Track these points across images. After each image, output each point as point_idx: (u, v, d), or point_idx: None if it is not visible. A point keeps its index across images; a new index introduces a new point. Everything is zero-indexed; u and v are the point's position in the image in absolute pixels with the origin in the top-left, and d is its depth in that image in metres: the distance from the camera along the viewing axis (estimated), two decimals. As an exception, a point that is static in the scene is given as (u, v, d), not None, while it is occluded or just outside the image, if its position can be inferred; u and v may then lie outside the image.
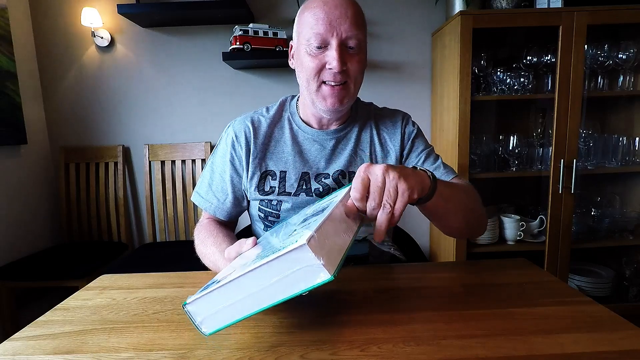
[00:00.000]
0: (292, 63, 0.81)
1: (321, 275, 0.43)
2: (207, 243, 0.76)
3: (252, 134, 0.81)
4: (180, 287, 0.70)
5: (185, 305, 0.49)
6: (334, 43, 0.69)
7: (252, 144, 0.81)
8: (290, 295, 0.45)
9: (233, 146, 0.82)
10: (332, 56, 0.69)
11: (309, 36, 0.70)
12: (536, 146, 1.75)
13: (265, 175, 0.81)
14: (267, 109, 0.86)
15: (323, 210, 0.55)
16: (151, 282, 0.73)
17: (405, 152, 0.84)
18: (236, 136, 0.82)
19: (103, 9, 1.86)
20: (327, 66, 0.70)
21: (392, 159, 0.84)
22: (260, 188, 0.81)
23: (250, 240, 0.59)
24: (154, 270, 0.79)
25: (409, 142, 0.84)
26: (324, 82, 0.72)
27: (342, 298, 0.63)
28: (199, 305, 0.49)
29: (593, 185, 1.85)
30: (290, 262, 0.43)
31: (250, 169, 0.81)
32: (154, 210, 1.94)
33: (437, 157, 0.85)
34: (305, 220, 0.57)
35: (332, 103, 0.73)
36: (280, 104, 0.87)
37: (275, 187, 0.80)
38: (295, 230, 0.53)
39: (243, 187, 0.83)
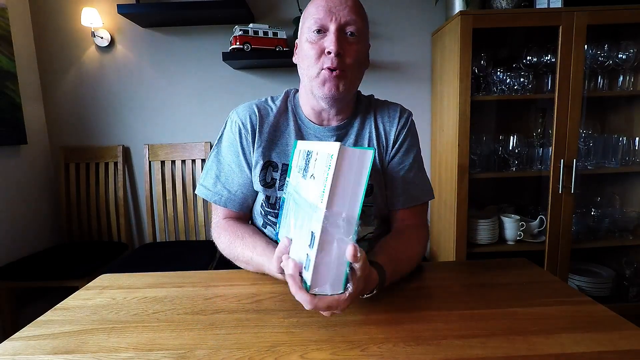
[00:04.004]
0: (295, 58, 0.81)
1: None
2: (235, 245, 0.77)
3: (258, 120, 0.81)
4: (180, 287, 0.70)
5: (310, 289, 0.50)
6: (332, 28, 0.71)
7: (257, 131, 0.80)
8: None
9: (240, 133, 0.81)
10: (330, 40, 0.71)
11: (310, 23, 0.73)
12: (536, 146, 1.75)
13: (267, 165, 0.81)
14: (273, 99, 0.86)
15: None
16: (151, 281, 0.73)
17: (391, 154, 0.83)
18: (242, 123, 0.81)
19: (103, 9, 1.86)
20: (326, 50, 0.71)
21: (386, 154, 0.84)
22: (262, 178, 0.80)
23: (285, 243, 0.58)
24: (154, 270, 0.79)
25: (399, 143, 0.83)
26: (323, 69, 0.73)
27: (342, 298, 0.63)
28: (319, 279, 0.49)
29: (593, 185, 1.85)
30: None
31: (254, 156, 0.81)
32: (154, 210, 1.94)
33: (416, 175, 0.84)
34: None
35: (330, 88, 0.73)
36: (285, 95, 0.86)
37: (276, 179, 0.80)
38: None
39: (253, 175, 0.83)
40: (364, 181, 0.49)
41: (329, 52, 0.71)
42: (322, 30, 0.72)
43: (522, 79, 1.63)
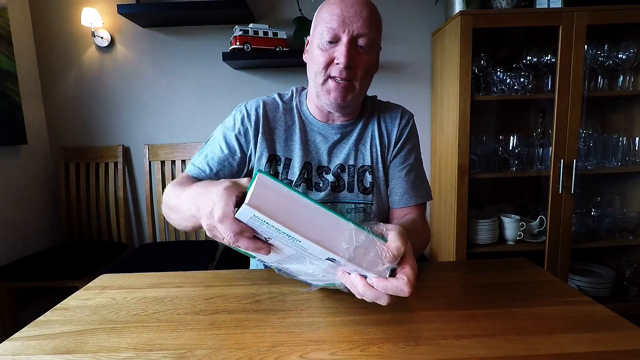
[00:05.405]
0: (305, 57, 0.82)
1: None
2: (178, 185, 0.70)
3: (264, 113, 0.82)
4: (180, 287, 0.70)
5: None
6: (344, 39, 0.71)
7: (262, 124, 0.81)
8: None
9: (242, 122, 0.81)
10: (340, 51, 0.71)
11: (322, 30, 0.72)
12: (536, 146, 1.74)
13: (272, 158, 0.82)
14: (280, 96, 0.87)
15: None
16: (151, 281, 0.73)
17: (394, 153, 0.84)
18: (248, 113, 0.82)
19: (103, 9, 1.86)
20: (335, 61, 0.72)
21: (388, 153, 0.84)
22: (266, 170, 0.81)
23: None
24: (154, 270, 0.79)
25: (400, 143, 0.84)
26: (331, 77, 0.74)
27: (341, 298, 0.63)
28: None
29: (593, 185, 1.85)
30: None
31: (258, 149, 0.81)
32: (154, 210, 1.94)
33: (417, 175, 0.85)
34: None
35: (335, 97, 0.74)
36: (291, 92, 0.88)
37: (279, 173, 0.81)
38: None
39: (251, 166, 0.82)
40: (291, 191, 0.45)
41: (338, 63, 0.71)
42: (333, 40, 0.72)
43: (522, 79, 1.63)
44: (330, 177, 0.81)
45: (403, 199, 0.83)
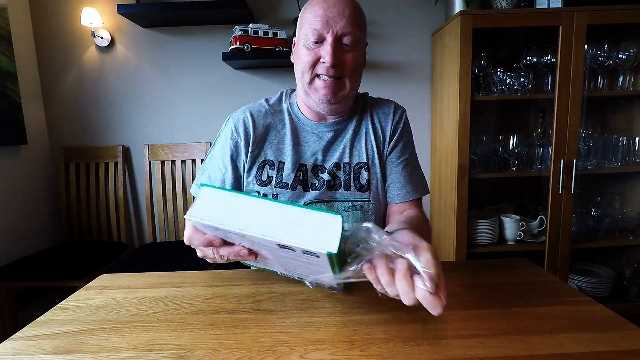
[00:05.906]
0: (292, 57, 0.83)
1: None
2: None
3: (251, 123, 0.82)
4: (180, 287, 0.70)
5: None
6: (329, 39, 0.72)
7: (251, 134, 0.82)
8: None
9: (232, 137, 0.82)
10: (326, 50, 0.72)
11: (307, 31, 0.74)
12: (536, 146, 1.75)
13: (263, 164, 0.82)
14: (267, 100, 0.88)
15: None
16: (151, 281, 0.73)
17: (389, 148, 0.85)
18: (235, 128, 0.82)
19: (103, 9, 1.86)
20: (322, 60, 0.73)
21: (384, 148, 0.85)
22: (258, 177, 0.81)
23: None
24: (154, 270, 0.79)
25: (395, 138, 0.85)
26: (318, 76, 0.75)
27: (341, 298, 0.63)
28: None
29: (593, 185, 1.85)
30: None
31: (249, 159, 0.81)
32: (154, 210, 1.94)
33: (414, 169, 0.86)
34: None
35: (325, 94, 0.75)
36: (279, 95, 0.89)
37: (272, 177, 0.81)
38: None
39: (242, 180, 0.83)
40: (236, 194, 0.49)
41: (325, 62, 0.73)
42: (318, 40, 0.73)
43: (522, 79, 1.63)
44: (325, 176, 0.81)
45: (401, 193, 0.83)
